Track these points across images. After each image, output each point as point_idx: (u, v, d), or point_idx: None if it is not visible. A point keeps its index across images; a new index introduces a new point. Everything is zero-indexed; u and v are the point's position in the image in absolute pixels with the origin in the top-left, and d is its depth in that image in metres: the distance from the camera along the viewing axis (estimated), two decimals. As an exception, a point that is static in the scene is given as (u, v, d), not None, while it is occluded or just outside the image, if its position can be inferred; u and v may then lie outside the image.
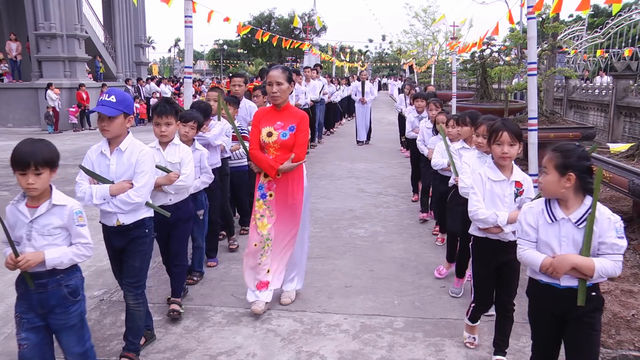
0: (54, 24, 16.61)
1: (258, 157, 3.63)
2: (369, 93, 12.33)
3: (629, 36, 19.07)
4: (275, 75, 3.55)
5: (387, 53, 66.03)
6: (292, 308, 3.78)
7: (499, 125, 2.84)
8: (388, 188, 7.77)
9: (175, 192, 3.48)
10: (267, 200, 3.68)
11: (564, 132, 8.58)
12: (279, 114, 3.64)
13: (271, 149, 3.61)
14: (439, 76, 23.89)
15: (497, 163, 2.90)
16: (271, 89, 3.54)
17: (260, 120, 3.67)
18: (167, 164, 3.45)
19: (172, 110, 3.44)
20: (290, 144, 3.58)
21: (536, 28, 4.86)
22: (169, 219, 3.39)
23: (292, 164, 3.58)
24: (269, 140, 3.59)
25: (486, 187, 2.90)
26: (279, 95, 3.57)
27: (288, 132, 3.57)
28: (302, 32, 31.58)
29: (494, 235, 2.91)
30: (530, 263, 2.33)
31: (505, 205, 2.87)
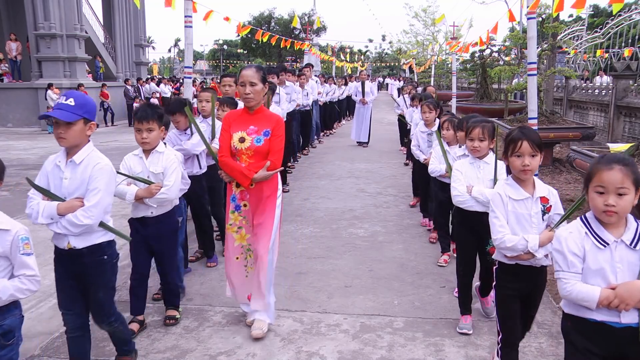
0: (53, 24, 16.61)
1: (229, 165, 3.28)
2: (370, 93, 12.16)
3: (629, 36, 19.07)
4: (249, 75, 3.23)
5: (387, 53, 66.07)
6: (292, 308, 3.78)
7: (517, 134, 2.47)
8: (388, 188, 7.77)
9: (157, 204, 3.23)
10: (242, 211, 3.39)
11: (564, 132, 8.59)
12: (252, 117, 3.32)
13: (243, 156, 3.27)
14: (439, 76, 23.92)
15: (516, 178, 2.53)
16: (244, 90, 3.23)
17: (231, 124, 3.32)
18: (150, 174, 3.23)
19: (155, 114, 3.18)
20: (264, 150, 3.26)
21: (536, 28, 4.86)
22: (151, 234, 3.25)
23: (268, 172, 3.25)
24: (241, 146, 3.26)
25: (508, 208, 2.53)
26: (252, 97, 3.25)
27: (262, 137, 3.26)
28: (302, 32, 31.59)
29: (525, 262, 2.55)
30: (583, 299, 1.92)
31: (533, 227, 2.51)
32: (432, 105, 5.39)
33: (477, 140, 3.26)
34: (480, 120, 3.31)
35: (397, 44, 40.35)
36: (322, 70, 37.16)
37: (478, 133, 3.25)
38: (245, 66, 3.38)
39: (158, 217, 3.29)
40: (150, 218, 3.27)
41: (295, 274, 4.43)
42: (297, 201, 6.96)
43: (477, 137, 3.26)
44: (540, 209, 2.52)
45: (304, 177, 8.60)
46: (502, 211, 2.54)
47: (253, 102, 3.28)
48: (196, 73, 44.66)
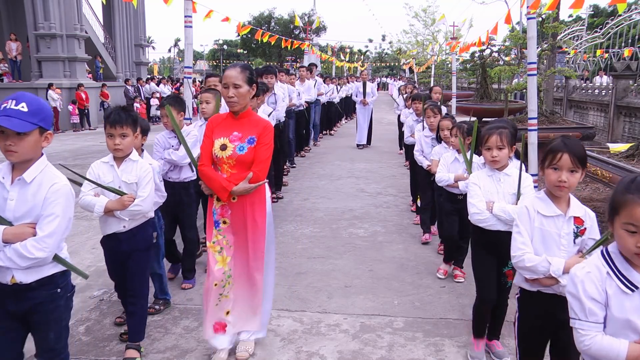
0: (53, 24, 16.62)
1: (208, 175, 2.95)
2: (370, 94, 11.98)
3: (629, 36, 19.07)
4: (232, 76, 2.88)
5: (387, 53, 66.07)
6: (292, 308, 3.78)
7: (558, 144, 2.18)
8: (388, 188, 7.77)
9: (130, 218, 2.93)
10: (222, 229, 3.02)
11: (564, 132, 8.57)
12: (237, 122, 2.99)
13: (225, 165, 2.94)
14: (439, 76, 23.91)
15: (549, 193, 2.24)
16: (227, 93, 2.89)
17: (214, 129, 3.01)
18: (122, 184, 2.92)
19: (129, 119, 2.89)
20: (248, 160, 2.91)
21: (536, 28, 4.86)
22: (123, 250, 2.96)
23: (249, 185, 2.89)
24: (222, 154, 2.92)
25: (535, 224, 2.23)
26: (237, 101, 2.90)
27: (246, 145, 2.91)
28: (302, 31, 31.60)
29: (548, 289, 2.25)
30: (607, 355, 1.58)
31: (561, 249, 2.22)
32: (437, 109, 5.03)
33: (495, 149, 2.87)
34: (497, 126, 2.92)
35: (397, 44, 40.39)
36: (322, 71, 37.17)
37: (496, 141, 2.86)
38: (229, 65, 3.04)
39: (132, 231, 2.98)
40: (124, 233, 2.96)
41: (295, 274, 4.43)
42: (297, 201, 6.96)
43: (495, 146, 2.87)
44: (572, 230, 2.20)
45: (304, 177, 8.60)
46: (527, 227, 2.25)
47: (237, 107, 2.94)
48: (196, 73, 44.62)
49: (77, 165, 8.87)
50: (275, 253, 3.30)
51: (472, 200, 2.94)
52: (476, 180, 2.99)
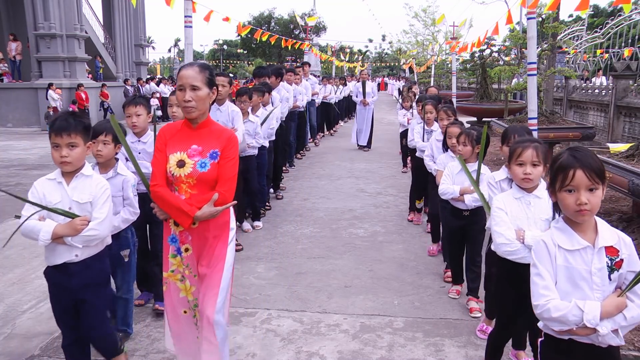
0: (53, 24, 16.62)
1: (164, 197, 2.45)
2: (371, 94, 11.57)
3: (628, 36, 19.07)
4: (189, 76, 2.42)
5: (387, 53, 66.08)
6: (292, 308, 3.78)
7: (567, 160, 1.79)
8: (388, 188, 7.77)
9: (84, 244, 2.46)
10: (184, 257, 2.58)
11: (564, 132, 8.59)
12: (195, 133, 2.51)
13: (183, 185, 2.46)
14: (439, 76, 23.92)
15: (569, 220, 1.84)
16: (182, 96, 2.41)
17: (168, 142, 2.52)
18: (73, 204, 2.46)
19: (79, 126, 2.43)
20: (211, 178, 2.46)
21: (536, 28, 4.86)
22: (74, 285, 2.48)
23: (215, 208, 2.43)
24: (179, 172, 2.44)
25: (557, 261, 1.83)
26: (195, 106, 2.42)
27: (208, 160, 2.45)
28: (302, 31, 31.59)
29: (583, 338, 1.81)
30: None
31: (594, 289, 1.79)
32: (451, 111, 4.55)
33: (529, 165, 2.46)
34: (531, 139, 2.58)
35: (397, 44, 40.39)
36: (322, 71, 37.16)
37: (531, 156, 2.46)
38: (185, 64, 2.57)
39: (86, 262, 2.51)
40: (76, 264, 2.48)
41: (295, 274, 4.44)
42: (297, 201, 6.96)
43: (530, 161, 2.47)
44: (605, 263, 1.79)
45: (304, 177, 8.60)
46: (548, 266, 1.84)
47: (195, 113, 2.45)
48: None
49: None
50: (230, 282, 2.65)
51: (498, 228, 2.51)
52: (501, 204, 2.54)
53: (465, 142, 3.58)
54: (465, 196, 3.59)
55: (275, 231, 5.64)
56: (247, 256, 4.86)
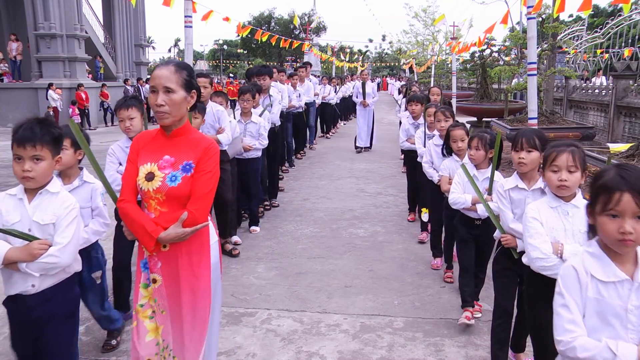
0: (53, 24, 16.64)
1: (130, 215, 2.14)
2: (371, 94, 11.41)
3: (629, 36, 19.08)
4: (163, 77, 2.10)
5: (387, 53, 66.11)
6: (292, 308, 3.78)
7: (614, 180, 1.53)
8: (388, 188, 7.77)
9: (41, 273, 2.13)
10: (152, 289, 2.22)
11: (564, 132, 8.60)
12: (169, 142, 2.20)
13: (152, 201, 2.16)
14: (439, 76, 23.92)
15: (606, 246, 1.60)
16: (155, 100, 2.10)
17: (139, 151, 2.23)
18: (33, 225, 2.14)
19: (46, 136, 2.13)
20: (182, 194, 2.13)
21: (536, 28, 4.86)
22: (34, 318, 2.17)
23: (183, 229, 2.10)
24: (148, 186, 2.14)
25: (588, 293, 1.59)
26: (168, 111, 2.11)
27: (180, 174, 2.14)
28: (302, 31, 31.60)
29: None
30: None
31: (629, 328, 1.55)
32: (449, 112, 4.31)
33: (564, 171, 2.22)
34: (567, 143, 2.32)
35: (397, 44, 40.40)
36: (322, 71, 37.17)
37: (567, 160, 2.21)
38: (160, 63, 2.29)
39: (46, 293, 2.17)
40: (33, 296, 2.15)
41: (295, 274, 4.44)
42: (297, 201, 6.96)
43: (566, 167, 2.22)
44: None
45: (304, 177, 8.60)
46: (576, 297, 1.60)
47: (169, 119, 2.13)
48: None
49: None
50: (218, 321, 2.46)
51: (532, 240, 2.25)
52: (536, 213, 2.28)
53: (478, 146, 3.32)
54: (478, 205, 3.35)
55: (275, 231, 5.64)
56: (247, 256, 4.86)
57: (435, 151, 4.37)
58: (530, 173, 2.70)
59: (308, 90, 10.21)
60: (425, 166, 4.54)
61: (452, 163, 3.86)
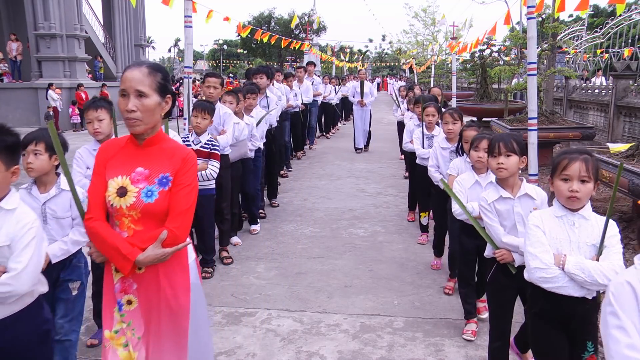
0: (53, 24, 16.64)
1: (101, 235, 1.94)
2: (369, 94, 11.15)
3: (629, 36, 19.07)
4: (135, 79, 1.89)
5: (387, 53, 66.11)
6: (292, 308, 3.79)
7: None
8: (388, 188, 7.77)
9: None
10: (125, 313, 2.01)
11: (564, 132, 8.60)
12: (142, 153, 2.00)
13: (125, 219, 1.95)
14: (439, 76, 23.91)
15: None
16: (125, 105, 1.89)
17: (107, 162, 2.01)
18: None
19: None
20: (160, 210, 1.94)
21: (536, 28, 4.86)
22: None
23: (163, 250, 1.92)
24: (120, 203, 1.94)
25: None
26: (140, 118, 1.90)
27: (156, 188, 1.95)
28: (302, 32, 31.60)
29: None
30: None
31: None
32: (457, 114, 4.05)
33: (576, 182, 2.05)
34: (580, 151, 2.15)
35: (397, 44, 40.38)
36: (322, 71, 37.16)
37: (579, 170, 2.05)
38: (132, 64, 2.02)
39: (5, 322, 1.92)
40: None
41: (295, 274, 4.44)
42: (297, 201, 6.96)
43: (577, 176, 2.05)
44: None
45: (304, 177, 8.60)
46: (634, 317, 1.42)
47: (141, 127, 1.92)
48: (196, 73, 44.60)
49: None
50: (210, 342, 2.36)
51: (533, 249, 2.12)
52: (538, 221, 2.16)
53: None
54: None
55: (275, 231, 5.64)
56: (247, 256, 4.86)
57: (442, 154, 4.17)
58: (511, 179, 2.56)
59: (307, 90, 10.07)
60: (431, 170, 4.32)
61: (462, 163, 3.60)
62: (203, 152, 4.19)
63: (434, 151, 4.31)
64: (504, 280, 2.63)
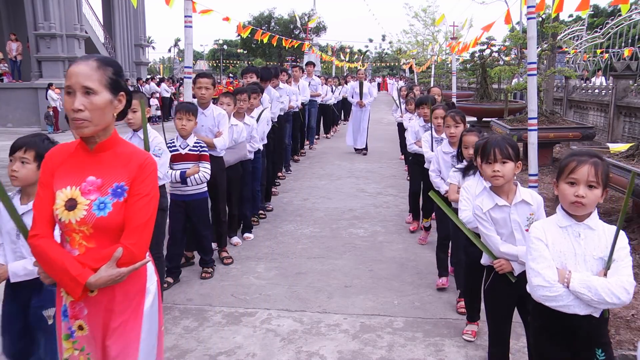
0: (53, 24, 16.65)
1: (48, 254, 1.74)
2: (368, 94, 10.94)
3: (628, 36, 19.07)
4: (81, 74, 1.69)
5: (387, 53, 66.12)
6: (292, 308, 3.78)
7: None
8: (388, 188, 7.77)
9: None
10: (78, 339, 1.84)
11: (564, 132, 8.59)
12: (93, 159, 1.79)
13: (76, 235, 1.76)
14: (439, 76, 23.91)
15: None
16: (71, 103, 1.68)
17: (55, 171, 1.79)
18: None
19: None
20: (114, 225, 1.75)
21: (536, 28, 4.86)
22: None
23: (118, 270, 1.73)
24: (69, 217, 1.73)
25: None
26: (88, 118, 1.69)
27: (110, 199, 1.75)
28: (302, 31, 31.60)
29: None
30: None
31: None
32: (459, 116, 3.83)
33: (582, 186, 1.91)
34: (589, 153, 2.00)
35: (397, 44, 40.38)
36: (322, 71, 37.17)
37: (587, 174, 1.91)
38: (79, 58, 1.81)
39: None
40: None
41: (295, 274, 4.44)
42: (297, 201, 6.96)
43: (585, 181, 1.91)
44: None
45: (304, 177, 8.60)
46: None
47: (89, 129, 1.71)
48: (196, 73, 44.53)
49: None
50: None
51: (535, 265, 1.97)
52: (541, 233, 2.00)
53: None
54: None
55: (275, 231, 5.64)
56: (247, 256, 4.86)
57: (444, 159, 3.98)
58: (506, 186, 2.46)
59: (303, 90, 9.79)
60: (432, 175, 4.13)
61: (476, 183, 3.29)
62: (192, 155, 4.11)
63: (436, 155, 4.13)
64: (502, 288, 2.57)
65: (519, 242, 2.47)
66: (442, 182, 3.97)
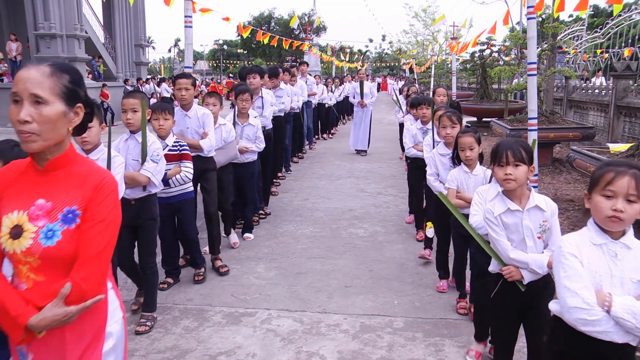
0: (53, 24, 16.64)
1: None
2: (369, 94, 10.89)
3: (629, 36, 19.07)
4: (29, 80, 1.49)
5: (387, 53, 66.12)
6: (292, 308, 3.79)
7: None
8: (388, 188, 7.77)
9: None
10: None
11: (564, 132, 8.59)
12: (44, 179, 1.56)
13: (23, 267, 1.53)
14: (439, 76, 23.93)
15: None
16: (17, 113, 1.48)
17: (4, 192, 1.57)
18: None
19: None
20: (65, 255, 1.51)
21: (536, 28, 4.87)
22: None
23: (65, 309, 1.48)
24: (14, 246, 1.51)
25: None
26: (36, 131, 1.48)
27: (59, 226, 1.51)
28: (302, 32, 31.60)
29: None
30: None
31: None
32: (456, 117, 3.76)
33: (621, 200, 1.72)
34: (629, 164, 1.80)
35: (397, 44, 40.41)
36: (322, 71, 37.16)
37: (628, 186, 1.72)
38: (29, 62, 1.65)
39: None
40: None
41: (295, 274, 4.44)
42: (297, 201, 6.96)
43: (625, 195, 1.72)
44: None
45: (304, 177, 8.60)
46: None
47: (38, 144, 1.49)
48: (196, 73, 44.70)
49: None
50: None
51: (571, 284, 1.75)
52: (574, 249, 1.79)
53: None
54: None
55: (275, 231, 5.64)
56: (247, 256, 4.86)
57: (441, 161, 3.87)
58: (519, 190, 2.35)
59: (302, 90, 9.68)
60: (430, 179, 4.01)
61: (460, 174, 3.39)
62: (173, 155, 3.87)
63: (432, 158, 3.98)
64: (510, 298, 2.46)
65: (530, 250, 2.36)
66: (440, 186, 3.84)
